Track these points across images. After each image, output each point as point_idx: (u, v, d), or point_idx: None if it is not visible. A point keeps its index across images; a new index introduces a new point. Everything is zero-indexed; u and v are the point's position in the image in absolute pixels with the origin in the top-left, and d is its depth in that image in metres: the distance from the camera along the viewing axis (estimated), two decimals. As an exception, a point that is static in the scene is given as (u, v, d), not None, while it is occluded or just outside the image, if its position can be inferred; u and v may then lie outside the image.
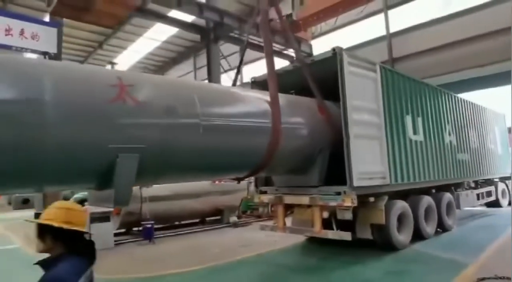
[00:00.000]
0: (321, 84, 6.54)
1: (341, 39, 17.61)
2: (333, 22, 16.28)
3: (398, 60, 16.33)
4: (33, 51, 10.50)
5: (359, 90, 6.38)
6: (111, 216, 8.97)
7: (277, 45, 15.31)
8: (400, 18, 16.45)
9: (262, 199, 7.25)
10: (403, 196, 7.35)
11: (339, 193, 6.02)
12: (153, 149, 3.94)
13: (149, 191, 9.65)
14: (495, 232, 8.17)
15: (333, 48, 6.26)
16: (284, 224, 7.04)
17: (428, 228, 7.84)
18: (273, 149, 5.28)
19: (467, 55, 14.24)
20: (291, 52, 16.47)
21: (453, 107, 9.71)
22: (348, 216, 6.04)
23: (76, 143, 3.44)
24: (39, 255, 1.86)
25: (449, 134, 9.19)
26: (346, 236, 6.01)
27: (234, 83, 6.86)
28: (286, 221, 7.15)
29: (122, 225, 9.94)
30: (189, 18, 14.61)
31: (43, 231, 1.84)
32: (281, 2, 11.00)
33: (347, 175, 5.91)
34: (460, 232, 8.70)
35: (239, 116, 5.07)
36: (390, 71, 7.51)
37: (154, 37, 24.39)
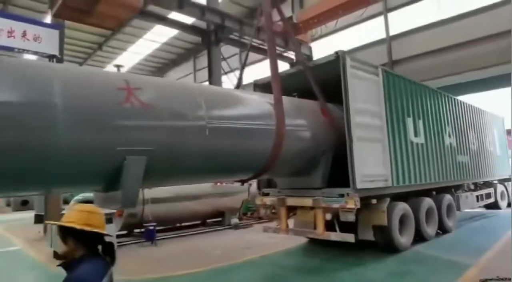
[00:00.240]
0: (324, 87, 6.61)
1: (341, 41, 17.67)
2: (333, 24, 16.31)
3: (398, 62, 16.38)
4: (35, 53, 10.51)
5: (362, 93, 6.43)
6: (114, 218, 8.97)
7: (277, 47, 15.33)
8: (400, 21, 16.51)
9: (265, 201, 7.29)
10: (404, 198, 7.39)
11: (342, 195, 6.07)
12: (160, 151, 3.98)
13: (151, 193, 9.67)
14: (495, 234, 8.23)
15: (336, 51, 6.32)
16: (287, 226, 7.08)
17: (429, 230, 7.90)
18: (277, 151, 5.32)
19: (467, 57, 14.28)
20: (291, 54, 16.51)
21: (453, 109, 9.79)
22: (351, 218, 6.09)
23: (85, 146, 3.48)
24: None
25: (449, 136, 9.26)
26: (350, 238, 6.05)
27: (238, 86, 6.90)
28: (289, 223, 7.18)
29: (124, 227, 9.94)
30: (190, 20, 14.63)
31: (65, 234, 1.89)
32: (282, 4, 11.03)
33: (350, 177, 5.96)
34: (461, 234, 8.76)
35: (244, 118, 5.11)
36: (392, 74, 7.58)
37: (154, 39, 24.44)
